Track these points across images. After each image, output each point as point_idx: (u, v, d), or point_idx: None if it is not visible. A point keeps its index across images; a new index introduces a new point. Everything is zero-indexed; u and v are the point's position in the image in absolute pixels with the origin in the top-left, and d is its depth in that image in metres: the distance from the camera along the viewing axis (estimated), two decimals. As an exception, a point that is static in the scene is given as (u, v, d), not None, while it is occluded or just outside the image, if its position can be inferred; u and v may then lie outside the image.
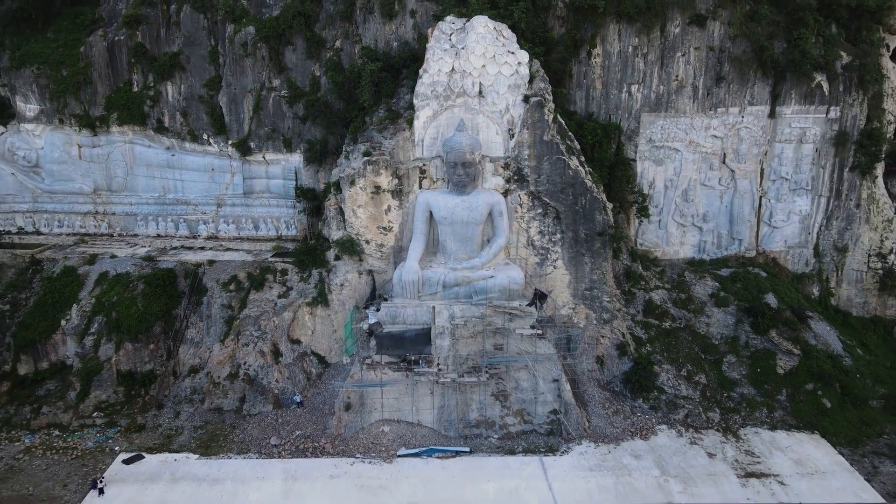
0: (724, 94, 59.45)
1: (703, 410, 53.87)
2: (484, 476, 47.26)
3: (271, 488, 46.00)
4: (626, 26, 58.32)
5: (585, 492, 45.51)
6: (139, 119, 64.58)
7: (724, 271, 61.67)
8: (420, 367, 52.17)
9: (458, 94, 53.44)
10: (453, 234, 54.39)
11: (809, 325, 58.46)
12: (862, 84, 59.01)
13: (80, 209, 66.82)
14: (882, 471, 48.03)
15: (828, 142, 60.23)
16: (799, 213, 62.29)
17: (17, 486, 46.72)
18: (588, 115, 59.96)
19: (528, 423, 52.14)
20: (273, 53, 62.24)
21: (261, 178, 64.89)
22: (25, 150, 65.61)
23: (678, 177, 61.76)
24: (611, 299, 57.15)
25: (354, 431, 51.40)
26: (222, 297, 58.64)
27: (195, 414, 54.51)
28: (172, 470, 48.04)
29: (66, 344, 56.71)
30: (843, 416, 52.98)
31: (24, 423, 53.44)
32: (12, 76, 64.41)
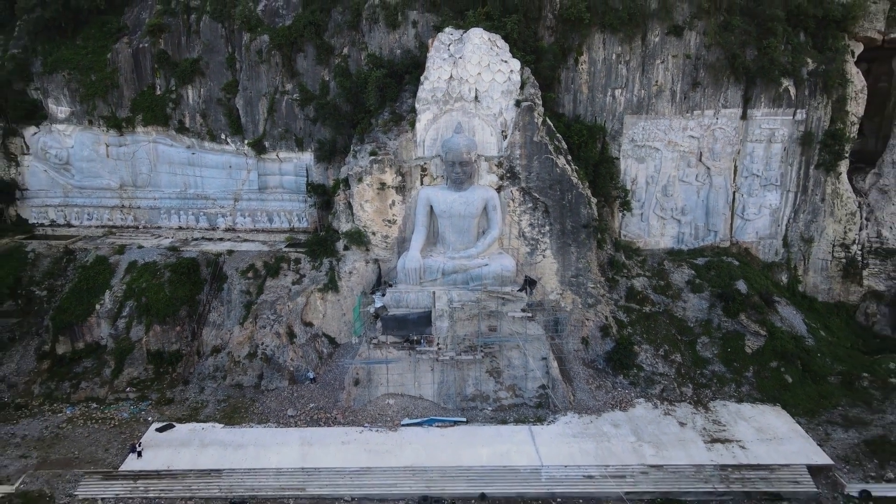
0: (700, 98, 64.82)
1: (677, 385, 59.58)
2: (479, 442, 53.04)
3: (290, 452, 51.81)
4: (610, 36, 63.64)
5: (568, 455, 51.33)
6: (162, 120, 70.07)
7: (700, 260, 67.25)
8: (422, 347, 57.90)
9: (456, 99, 58.88)
10: (451, 227, 59.99)
11: (776, 308, 64.08)
12: (826, 88, 64.31)
13: (107, 203, 72.39)
14: (834, 437, 53.80)
15: (795, 141, 65.61)
16: (769, 206, 67.77)
17: (63, 450, 52.62)
18: (575, 117, 65.38)
19: (519, 396, 57.89)
20: (286, 60, 67.63)
21: (274, 174, 70.37)
22: (57, 148, 71.05)
23: (658, 173, 67.22)
24: (595, 285, 62.78)
25: (363, 404, 57.18)
26: (241, 283, 64.31)
27: (218, 389, 60.24)
28: (201, 437, 53.88)
29: (101, 326, 62.40)
30: (803, 390, 58.70)
31: (65, 396, 59.28)
32: (45, 81, 69.83)
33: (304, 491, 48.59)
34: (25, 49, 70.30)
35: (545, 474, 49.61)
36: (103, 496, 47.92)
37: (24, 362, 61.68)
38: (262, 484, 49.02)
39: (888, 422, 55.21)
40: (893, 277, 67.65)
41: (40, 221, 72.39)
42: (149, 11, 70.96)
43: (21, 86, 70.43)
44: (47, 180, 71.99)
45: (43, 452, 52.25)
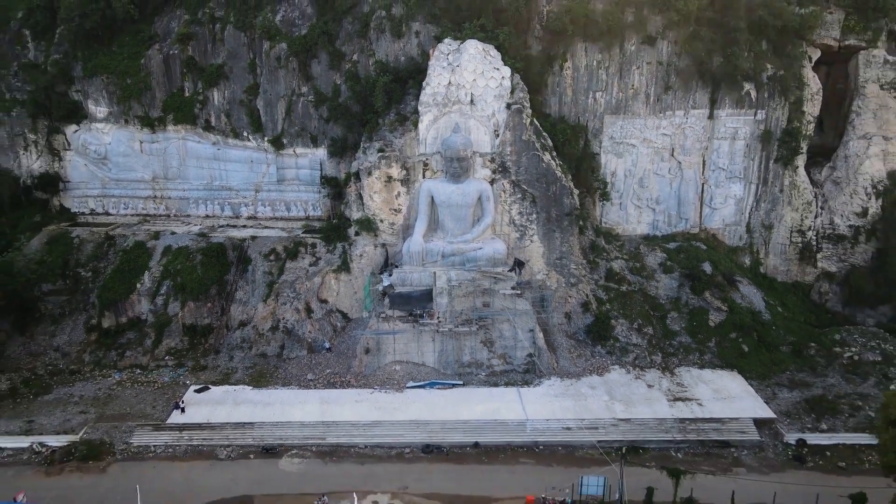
0: (672, 100, 72.74)
1: (648, 354, 67.99)
2: (474, 401, 61.58)
3: (311, 409, 60.34)
4: (591, 45, 71.46)
5: (550, 411, 59.83)
6: (190, 119, 77.90)
7: (672, 245, 75.44)
8: (424, 320, 66.27)
9: (454, 102, 66.87)
10: (450, 215, 68.22)
11: (738, 287, 72.37)
12: (784, 91, 72.15)
13: (141, 194, 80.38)
14: (780, 396, 62.33)
15: (756, 139, 73.55)
16: (734, 197, 75.84)
17: (116, 407, 61.21)
18: (560, 117, 73.28)
19: (509, 363, 66.33)
20: (301, 65, 75.39)
21: (291, 168, 78.25)
22: (96, 145, 78.96)
23: (635, 167, 75.24)
24: (577, 267, 71.05)
25: (373, 370, 65.65)
26: (264, 265, 72.56)
27: (245, 357, 68.68)
28: (234, 396, 62.42)
29: (141, 303, 70.76)
30: (758, 357, 67.10)
31: (112, 363, 67.78)
32: (85, 84, 77.66)
33: (324, 440, 57.09)
34: (66, 55, 77.96)
35: (530, 426, 58.11)
36: (154, 443, 56.44)
37: (74, 334, 70.17)
38: (289, 434, 57.53)
39: (828, 384, 63.77)
40: (844, 260, 75.91)
41: (81, 210, 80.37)
42: (177, 21, 78.49)
43: (63, 88, 78.04)
44: (87, 173, 79.90)
45: (99, 409, 60.86)
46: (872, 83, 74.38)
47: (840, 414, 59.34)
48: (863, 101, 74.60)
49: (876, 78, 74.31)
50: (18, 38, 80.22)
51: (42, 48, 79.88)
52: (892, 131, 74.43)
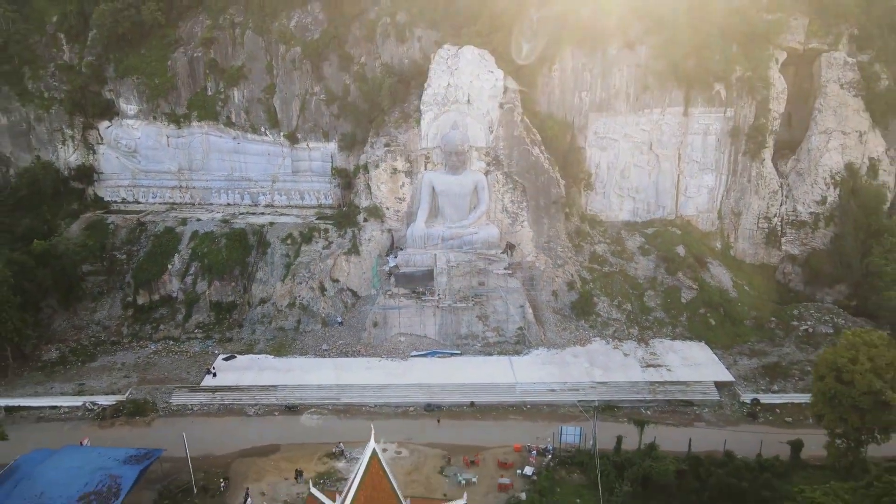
0: (649, 99, 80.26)
1: (626, 327, 76.05)
2: (470, 367, 69.74)
3: (326, 374, 68.51)
4: (577, 49, 78.94)
5: (537, 376, 67.98)
6: (213, 116, 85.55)
7: (650, 230, 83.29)
8: (426, 297, 74.33)
9: (453, 101, 74.57)
10: (449, 203, 76.12)
11: (708, 268, 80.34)
12: (751, 91, 79.66)
13: (168, 184, 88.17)
14: (740, 363, 70.50)
15: (726, 134, 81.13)
16: (706, 186, 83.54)
17: (155, 373, 69.53)
18: (549, 114, 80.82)
19: (502, 335, 74.41)
20: (314, 67, 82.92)
21: (305, 160, 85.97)
22: (127, 139, 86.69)
23: (617, 160, 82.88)
24: (563, 249, 79.01)
25: (380, 341, 73.79)
26: (281, 248, 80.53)
27: (266, 331, 76.77)
28: (258, 364, 70.60)
29: (172, 282, 78.83)
30: (723, 330, 75.18)
31: (148, 336, 76.01)
32: (117, 84, 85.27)
33: (339, 400, 65.28)
34: (99, 57, 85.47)
35: (519, 388, 66.30)
36: (191, 403, 64.69)
37: (112, 310, 78.34)
38: (308, 395, 65.72)
39: (783, 353, 71.92)
40: (805, 244, 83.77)
41: (114, 199, 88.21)
42: (200, 25, 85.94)
43: (97, 88, 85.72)
44: (118, 165, 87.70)
45: (140, 374, 69.19)
46: (833, 83, 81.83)
47: (791, 378, 67.53)
48: (824, 100, 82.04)
49: (836, 78, 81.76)
50: (54, 41, 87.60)
51: (76, 50, 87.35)
52: (850, 127, 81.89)
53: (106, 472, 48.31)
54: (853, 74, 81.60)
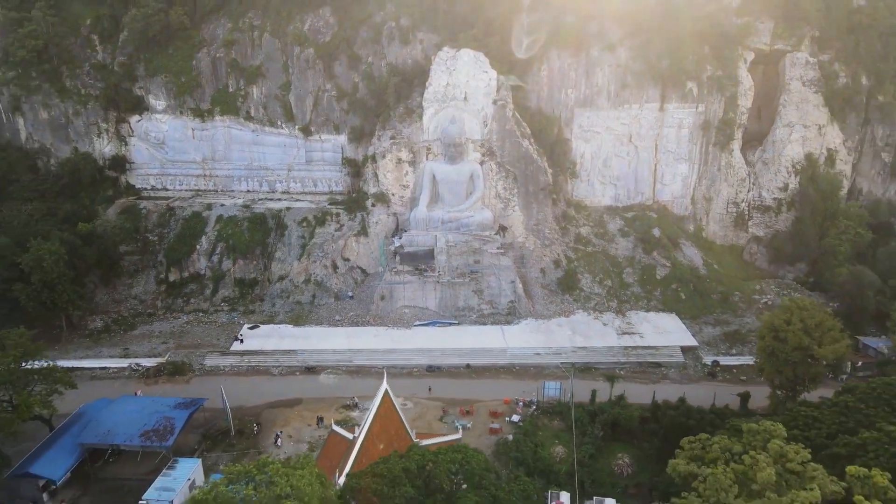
0: (629, 96, 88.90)
1: (606, 301, 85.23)
2: (466, 335, 78.94)
3: (340, 341, 77.78)
4: (563, 51, 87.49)
5: (525, 341, 77.22)
6: (234, 111, 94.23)
7: (629, 214, 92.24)
8: (427, 273, 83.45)
9: (451, 99, 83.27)
10: (448, 190, 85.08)
11: (681, 248, 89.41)
12: (720, 88, 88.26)
13: (193, 172, 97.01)
14: (704, 331, 79.76)
15: (698, 127, 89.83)
16: (681, 175, 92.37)
17: (189, 339, 78.89)
18: (538, 109, 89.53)
19: (495, 308, 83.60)
20: (326, 66, 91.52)
21: (318, 151, 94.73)
22: (155, 132, 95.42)
23: (600, 151, 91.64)
24: (551, 231, 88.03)
25: (387, 312, 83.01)
26: (298, 231, 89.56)
27: (285, 304, 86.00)
28: (279, 332, 79.88)
29: (200, 261, 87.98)
30: (692, 303, 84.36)
31: (180, 308, 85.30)
32: (147, 81, 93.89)
33: (351, 362, 74.58)
34: (130, 57, 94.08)
35: (509, 352, 75.58)
36: (223, 364, 74.05)
37: (147, 286, 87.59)
38: (324, 358, 75.00)
39: (744, 322, 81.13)
40: (769, 226, 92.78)
41: (144, 186, 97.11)
42: (222, 28, 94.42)
43: (128, 85, 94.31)
44: (148, 156, 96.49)
45: (176, 340, 78.55)
46: (796, 80, 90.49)
47: (748, 343, 76.73)
48: (788, 96, 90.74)
49: (799, 76, 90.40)
50: (88, 43, 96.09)
51: (108, 51, 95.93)
52: (811, 120, 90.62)
53: (161, 415, 57.73)
54: (814, 73, 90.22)
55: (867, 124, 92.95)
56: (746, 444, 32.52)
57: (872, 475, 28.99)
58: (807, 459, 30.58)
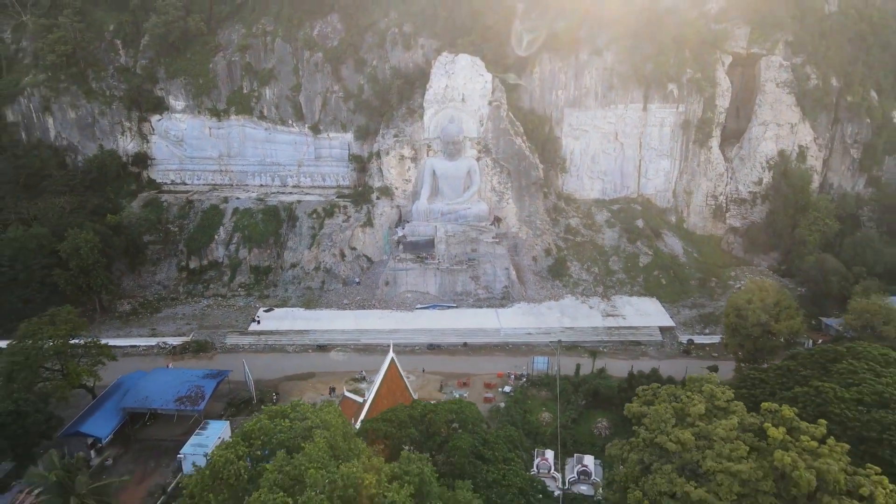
0: (615, 97, 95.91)
1: (593, 286, 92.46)
2: (464, 317, 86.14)
3: (348, 322, 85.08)
4: (554, 55, 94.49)
5: (518, 323, 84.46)
6: (248, 111, 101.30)
7: (615, 207, 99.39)
8: (428, 261, 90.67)
9: (450, 100, 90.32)
10: (447, 184, 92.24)
11: (663, 238, 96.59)
12: (699, 90, 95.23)
13: (209, 168, 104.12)
14: (682, 313, 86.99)
15: (679, 126, 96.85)
16: (663, 170, 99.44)
17: (210, 321, 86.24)
18: (531, 110, 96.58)
19: (490, 292, 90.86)
20: (334, 69, 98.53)
21: (326, 148, 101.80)
22: (175, 130, 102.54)
23: (588, 147, 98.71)
24: (542, 222, 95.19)
25: (391, 296, 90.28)
26: (308, 222, 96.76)
27: (297, 290, 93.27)
28: (292, 315, 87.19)
29: (218, 249, 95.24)
30: (672, 288, 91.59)
31: (200, 293, 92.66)
32: (167, 83, 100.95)
33: (359, 341, 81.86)
34: (151, 60, 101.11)
35: (502, 332, 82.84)
36: (242, 343, 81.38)
37: (169, 272, 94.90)
38: (334, 337, 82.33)
39: (718, 305, 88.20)
40: (745, 218, 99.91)
41: (164, 181, 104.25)
42: (237, 34, 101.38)
43: (149, 87, 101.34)
44: (168, 152, 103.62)
45: (198, 322, 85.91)
46: (770, 82, 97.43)
47: (720, 324, 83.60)
48: (763, 96, 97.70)
49: (773, 78, 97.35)
50: (112, 47, 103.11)
51: (131, 55, 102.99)
52: (784, 119, 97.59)
53: (192, 384, 65.12)
54: (787, 75, 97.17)
55: (837, 123, 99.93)
56: (687, 390, 39.71)
57: (782, 409, 36.11)
58: (730, 398, 37.77)
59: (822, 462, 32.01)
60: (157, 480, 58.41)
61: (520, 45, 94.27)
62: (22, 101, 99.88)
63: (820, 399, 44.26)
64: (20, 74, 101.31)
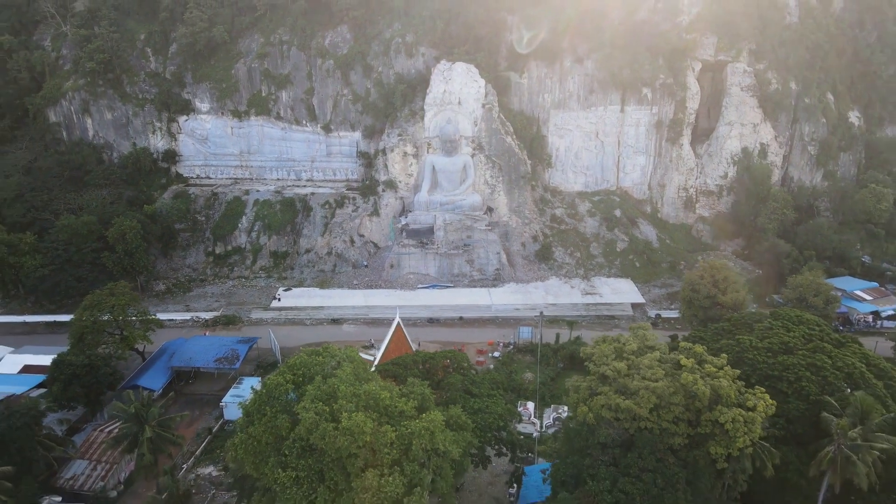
0: (595, 100, 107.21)
1: (575, 269, 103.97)
2: (460, 295, 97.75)
3: (358, 299, 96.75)
4: (541, 62, 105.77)
5: (507, 300, 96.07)
6: (266, 112, 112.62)
7: (596, 198, 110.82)
8: (428, 246, 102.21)
9: (448, 103, 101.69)
10: (445, 178, 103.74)
11: (638, 226, 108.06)
12: (671, 94, 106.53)
13: (231, 164, 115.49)
14: (653, 292, 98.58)
15: (653, 126, 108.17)
16: (640, 165, 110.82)
17: (236, 299, 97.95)
18: (520, 111, 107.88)
19: (483, 274, 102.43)
20: (343, 75, 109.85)
21: (336, 146, 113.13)
22: (200, 130, 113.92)
23: (572, 145, 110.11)
24: (530, 212, 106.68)
25: (395, 277, 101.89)
26: (321, 211, 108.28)
27: (311, 272, 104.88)
28: (308, 293, 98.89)
29: (241, 237, 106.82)
30: (645, 270, 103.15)
31: (225, 275, 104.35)
32: (193, 87, 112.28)
33: (367, 315, 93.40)
34: (179, 67, 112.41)
35: (494, 308, 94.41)
36: (265, 317, 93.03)
37: (198, 257, 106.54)
38: (346, 312, 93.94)
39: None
40: (713, 208, 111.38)
41: (191, 175, 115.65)
42: (256, 43, 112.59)
43: (178, 90, 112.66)
44: (194, 150, 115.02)
45: (225, 299, 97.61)
46: (736, 86, 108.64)
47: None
48: (729, 99, 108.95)
49: (738, 83, 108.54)
50: (143, 54, 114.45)
51: (160, 61, 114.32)
52: (747, 120, 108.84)
53: (228, 347, 76.84)
54: (750, 80, 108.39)
55: (796, 123, 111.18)
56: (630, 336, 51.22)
57: (694, 347, 47.51)
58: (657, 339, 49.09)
59: (718, 382, 43.50)
60: (202, 424, 70.21)
61: (510, 53, 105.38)
62: (63, 104, 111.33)
63: (739, 348, 55.70)
64: (61, 79, 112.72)
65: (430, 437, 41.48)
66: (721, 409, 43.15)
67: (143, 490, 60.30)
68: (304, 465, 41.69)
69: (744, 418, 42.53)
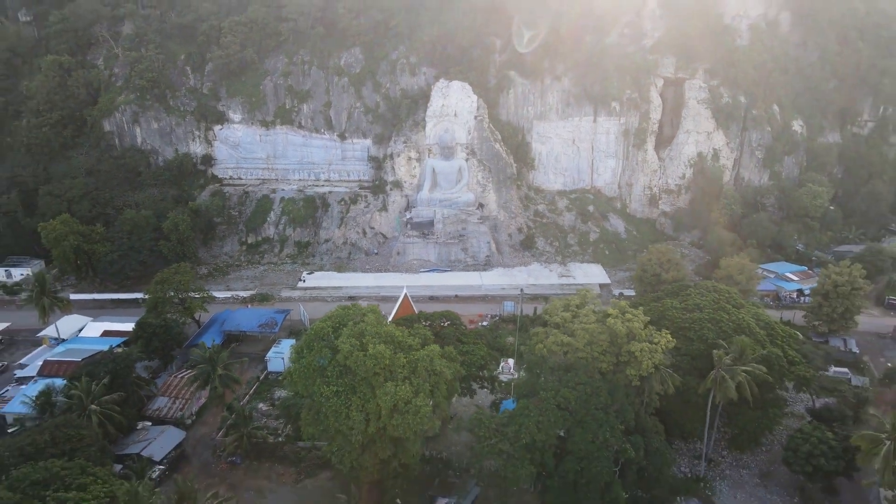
0: (571, 111, 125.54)
1: (554, 256, 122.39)
2: (456, 278, 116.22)
3: (370, 280, 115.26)
4: (524, 80, 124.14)
5: (496, 281, 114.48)
6: (290, 122, 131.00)
7: (573, 196, 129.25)
8: (429, 236, 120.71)
9: (446, 115, 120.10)
10: (443, 178, 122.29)
11: (609, 220, 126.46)
12: (636, 106, 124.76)
13: (259, 166, 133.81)
14: (618, 275, 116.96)
15: (621, 134, 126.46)
16: (610, 167, 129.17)
17: (267, 280, 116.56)
18: (507, 122, 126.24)
19: (476, 260, 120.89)
20: (356, 90, 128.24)
21: (350, 151, 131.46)
22: (233, 137, 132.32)
23: (552, 150, 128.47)
24: (516, 208, 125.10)
25: (401, 263, 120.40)
26: (338, 207, 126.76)
27: (329, 259, 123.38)
28: (328, 276, 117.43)
29: (270, 229, 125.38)
30: (613, 257, 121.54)
31: (257, 261, 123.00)
32: (227, 101, 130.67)
33: (379, 294, 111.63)
34: (215, 83, 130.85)
35: (484, 287, 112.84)
36: (292, 295, 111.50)
37: (232, 246, 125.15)
38: (360, 291, 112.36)
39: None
40: (673, 204, 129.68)
41: (224, 176, 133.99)
42: (280, 62, 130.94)
43: (213, 104, 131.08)
44: (227, 154, 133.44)
45: (258, 280, 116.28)
46: (693, 100, 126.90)
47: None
48: (686, 110, 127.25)
49: (695, 97, 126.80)
50: (183, 72, 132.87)
51: (198, 78, 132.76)
52: (702, 128, 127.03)
53: (268, 316, 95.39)
54: (705, 94, 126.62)
55: (745, 131, 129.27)
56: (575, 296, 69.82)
57: (620, 302, 65.86)
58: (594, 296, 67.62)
59: (632, 324, 61.88)
60: (250, 375, 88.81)
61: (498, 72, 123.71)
62: (117, 116, 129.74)
63: (663, 308, 74.18)
64: (114, 94, 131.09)
65: (430, 361, 59.91)
66: (634, 343, 61.59)
67: (210, 419, 78.90)
68: (342, 383, 60.11)
69: (649, 349, 60.97)
